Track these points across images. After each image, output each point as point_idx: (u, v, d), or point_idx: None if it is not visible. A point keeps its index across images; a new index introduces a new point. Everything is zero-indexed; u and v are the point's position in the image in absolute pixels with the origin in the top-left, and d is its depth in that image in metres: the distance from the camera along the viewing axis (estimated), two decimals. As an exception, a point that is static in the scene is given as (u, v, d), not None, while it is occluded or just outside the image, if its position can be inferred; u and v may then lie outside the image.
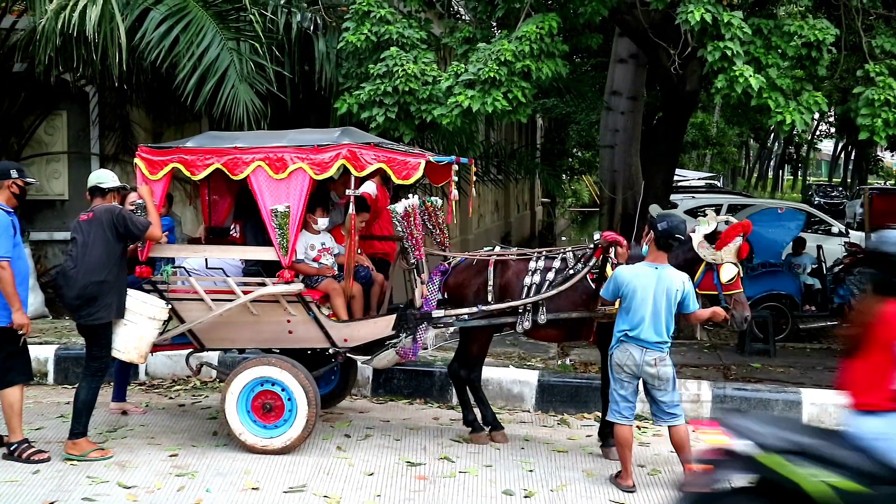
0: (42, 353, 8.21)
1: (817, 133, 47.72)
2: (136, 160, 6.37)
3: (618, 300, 5.89)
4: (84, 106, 11.18)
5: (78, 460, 6.07)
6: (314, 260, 6.72)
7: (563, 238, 26.22)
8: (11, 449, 6.12)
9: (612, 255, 6.29)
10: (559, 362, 8.79)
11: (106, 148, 11.22)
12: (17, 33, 9.95)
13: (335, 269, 6.76)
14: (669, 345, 5.80)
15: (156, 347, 6.55)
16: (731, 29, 7.41)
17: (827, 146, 57.75)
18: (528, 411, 7.70)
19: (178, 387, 8.19)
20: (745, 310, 6.13)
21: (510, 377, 7.86)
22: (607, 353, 6.07)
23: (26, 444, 6.14)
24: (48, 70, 9.04)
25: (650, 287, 5.68)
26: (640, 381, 5.85)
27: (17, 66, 9.95)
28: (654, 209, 6.09)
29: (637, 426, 6.49)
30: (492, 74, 7.92)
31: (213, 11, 9.13)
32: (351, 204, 6.22)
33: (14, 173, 6.22)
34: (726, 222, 6.17)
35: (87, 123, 11.21)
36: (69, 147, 11.24)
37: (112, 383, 7.29)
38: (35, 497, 5.50)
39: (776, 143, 51.28)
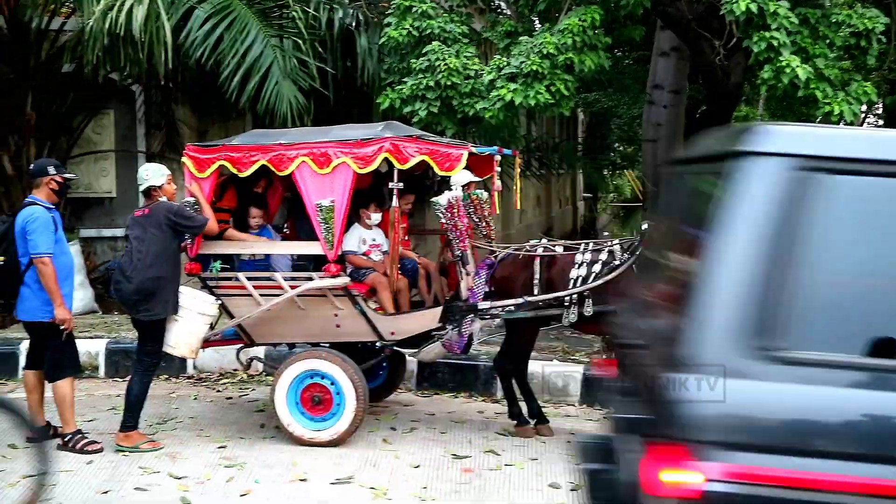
0: (93, 347, 8.38)
1: (864, 125, 46.92)
2: (184, 158, 6.45)
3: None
4: (130, 105, 11.38)
5: (130, 452, 6.19)
6: (364, 254, 6.77)
7: (606, 233, 26.05)
8: (66, 440, 6.25)
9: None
10: (604, 356, 8.74)
11: (152, 146, 11.40)
12: (65, 34, 10.15)
13: (385, 265, 6.79)
14: None
15: (207, 343, 6.64)
16: (777, 19, 7.32)
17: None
18: (574, 405, 7.67)
19: (225, 380, 8.30)
20: None
21: (555, 370, 7.84)
22: None
23: (80, 436, 6.27)
24: (96, 70, 9.21)
25: None
26: None
27: (66, 67, 10.14)
28: None
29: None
30: (534, 67, 7.90)
31: (256, 9, 9.23)
32: (394, 197, 6.25)
33: (52, 170, 6.28)
34: None
35: (134, 122, 11.41)
36: (116, 146, 11.45)
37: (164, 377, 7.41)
38: (89, 486, 5.62)
39: (821, 136, 50.44)
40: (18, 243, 6.09)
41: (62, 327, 6.08)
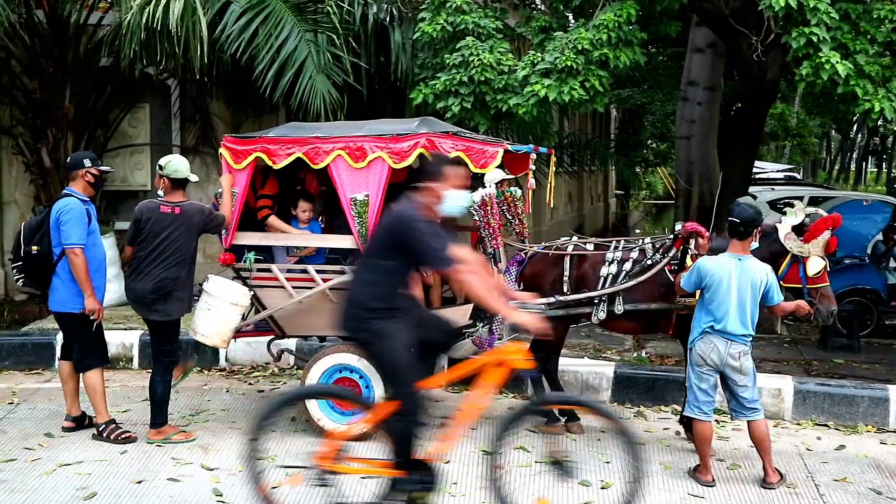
0: (127, 339, 8.48)
1: (903, 124, 46.08)
2: (221, 150, 6.50)
3: (697, 292, 5.80)
4: (166, 99, 11.49)
5: (162, 443, 6.25)
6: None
7: (637, 231, 25.89)
8: (100, 430, 6.33)
9: (693, 246, 6.18)
10: (635, 354, 8.69)
11: (186, 140, 11.51)
12: (103, 29, 10.26)
13: None
14: (752, 338, 5.68)
15: (238, 333, 6.68)
16: (817, 14, 7.20)
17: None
18: (605, 403, 7.63)
19: (256, 373, 8.35)
20: (832, 304, 5.96)
21: (586, 368, 7.80)
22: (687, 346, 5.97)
23: (114, 425, 6.35)
24: (132, 64, 9.29)
25: (734, 278, 5.57)
26: (718, 376, 5.75)
27: (103, 61, 10.25)
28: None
29: (716, 420, 6.38)
30: (569, 63, 7.86)
31: (290, 4, 9.26)
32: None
33: (87, 162, 6.33)
34: (811, 215, 6.00)
35: (169, 116, 11.52)
36: (152, 139, 11.57)
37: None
38: (123, 476, 5.68)
39: (860, 134, 49.73)
40: (52, 234, 6.16)
41: (92, 318, 6.15)
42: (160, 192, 6.33)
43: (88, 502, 5.29)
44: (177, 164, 6.29)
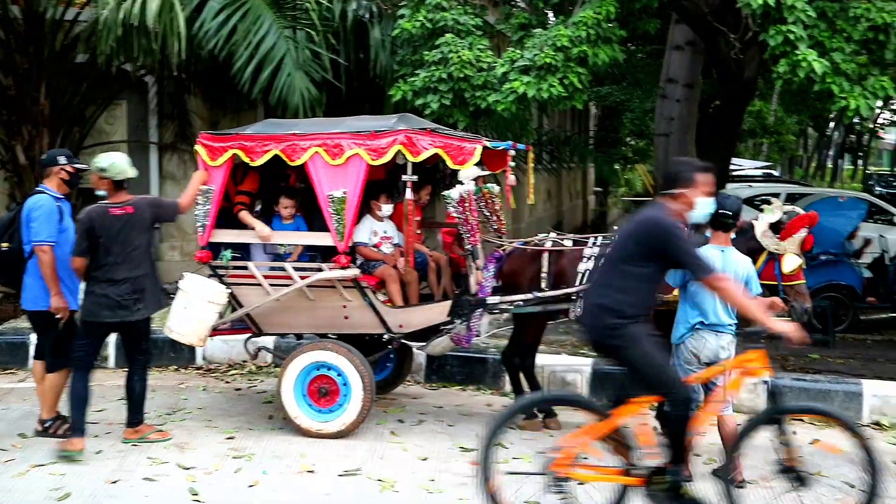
0: (103, 337, 8.41)
1: (879, 121, 46.48)
2: (197, 146, 6.44)
3: (676, 288, 5.81)
4: (143, 95, 11.40)
5: (138, 442, 6.20)
6: (375, 246, 6.76)
7: (616, 227, 25.92)
8: (45, 426, 6.33)
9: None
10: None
11: (164, 137, 11.43)
12: (80, 25, 10.16)
13: (396, 257, 6.77)
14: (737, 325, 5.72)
15: (215, 331, 6.64)
16: (794, 12, 7.25)
17: (889, 135, 56.24)
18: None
19: (234, 371, 8.31)
20: (806, 301, 6.00)
21: (564, 364, 7.81)
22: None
23: (60, 421, 6.34)
24: (109, 60, 9.21)
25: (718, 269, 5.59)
26: None
27: (80, 58, 10.15)
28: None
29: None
30: (548, 60, 7.87)
31: (269, 0, 9.21)
32: (408, 189, 6.23)
33: (62, 160, 6.27)
34: (788, 213, 6.03)
35: (146, 113, 11.43)
36: (129, 136, 11.49)
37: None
38: (98, 476, 5.63)
39: (836, 132, 50.11)
40: (23, 231, 6.10)
41: (57, 316, 6.08)
42: (101, 193, 6.09)
43: (62, 503, 5.24)
44: (120, 164, 6.03)
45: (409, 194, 6.23)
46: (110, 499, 5.30)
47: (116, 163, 6.03)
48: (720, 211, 5.62)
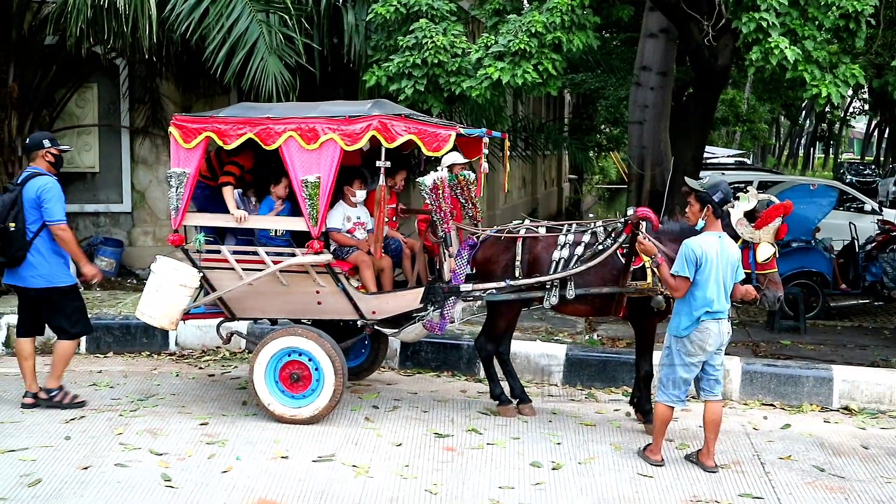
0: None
1: (850, 110, 46.98)
2: (171, 129, 6.35)
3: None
4: (114, 79, 11.25)
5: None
6: (348, 232, 6.74)
7: (591, 215, 26.07)
8: (51, 395, 6.49)
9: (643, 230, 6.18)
10: (587, 337, 8.77)
11: (136, 121, 11.30)
12: (48, 6, 9.98)
13: (369, 243, 6.74)
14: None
15: (187, 315, 6.60)
16: (766, 0, 7.29)
17: (860, 124, 56.86)
18: (556, 385, 7.69)
19: (207, 357, 8.26)
20: (779, 290, 6.04)
21: (538, 351, 7.85)
22: (643, 329, 6.07)
23: (64, 391, 6.53)
24: (79, 42, 9.06)
25: (718, 256, 5.63)
26: None
27: (49, 39, 9.99)
28: (696, 183, 5.93)
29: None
30: (522, 46, 7.85)
31: (242, -17, 9.09)
32: (381, 175, 6.20)
33: (47, 143, 6.46)
34: (768, 202, 6.05)
35: (118, 96, 11.29)
36: (100, 120, 11.33)
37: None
38: (69, 462, 5.58)
39: (808, 121, 50.60)
40: (28, 212, 6.22)
41: (94, 282, 6.54)
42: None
43: (33, 489, 5.18)
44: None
45: (382, 180, 6.20)
46: (82, 485, 5.26)
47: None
48: (720, 198, 5.65)
